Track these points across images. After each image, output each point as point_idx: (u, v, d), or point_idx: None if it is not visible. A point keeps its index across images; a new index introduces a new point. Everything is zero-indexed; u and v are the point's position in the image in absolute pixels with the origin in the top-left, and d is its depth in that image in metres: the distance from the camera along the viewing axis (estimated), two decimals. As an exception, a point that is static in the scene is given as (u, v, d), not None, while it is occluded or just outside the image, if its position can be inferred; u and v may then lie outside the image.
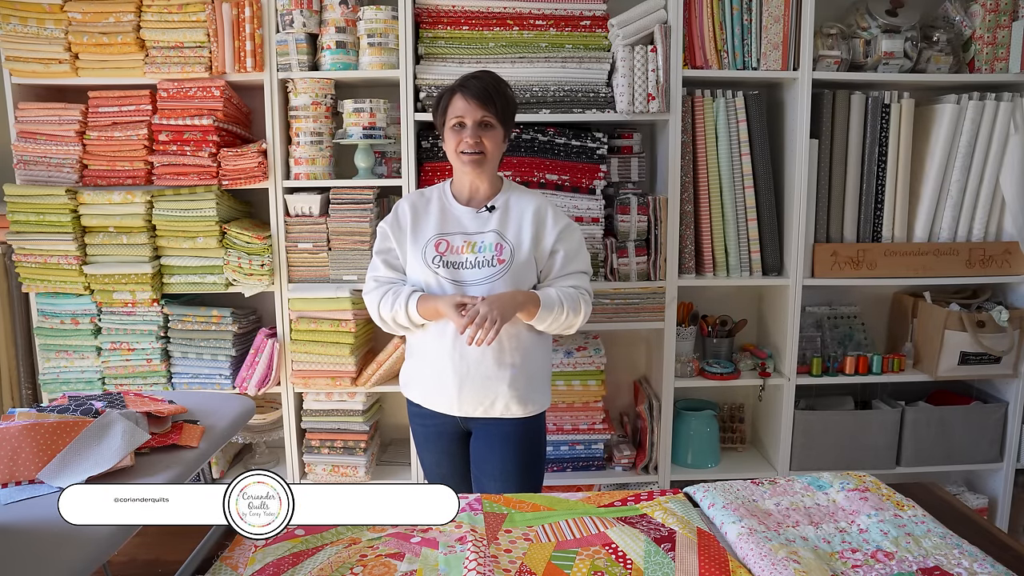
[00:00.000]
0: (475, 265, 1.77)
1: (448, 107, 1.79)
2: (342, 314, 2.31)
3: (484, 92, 1.75)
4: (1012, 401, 2.56)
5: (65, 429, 1.12)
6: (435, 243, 1.80)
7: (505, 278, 1.75)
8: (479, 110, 1.74)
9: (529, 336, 1.82)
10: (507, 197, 1.85)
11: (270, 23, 2.26)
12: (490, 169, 1.81)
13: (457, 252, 1.79)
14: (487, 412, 1.80)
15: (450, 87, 1.80)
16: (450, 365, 1.78)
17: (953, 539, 1.21)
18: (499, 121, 1.77)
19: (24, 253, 2.27)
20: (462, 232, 1.81)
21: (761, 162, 2.41)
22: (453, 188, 1.88)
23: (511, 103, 1.82)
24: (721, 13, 2.30)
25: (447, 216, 1.84)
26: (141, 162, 2.28)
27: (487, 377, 1.77)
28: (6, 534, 0.94)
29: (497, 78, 1.82)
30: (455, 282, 1.77)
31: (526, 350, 1.81)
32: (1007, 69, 2.41)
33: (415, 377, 1.89)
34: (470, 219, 1.82)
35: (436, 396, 1.83)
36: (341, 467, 2.44)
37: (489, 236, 1.79)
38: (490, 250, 1.77)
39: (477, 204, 1.84)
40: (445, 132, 1.80)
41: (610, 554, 1.19)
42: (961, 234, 2.49)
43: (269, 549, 1.20)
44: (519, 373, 1.79)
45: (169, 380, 2.38)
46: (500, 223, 1.81)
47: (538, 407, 1.86)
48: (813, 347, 2.60)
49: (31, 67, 2.25)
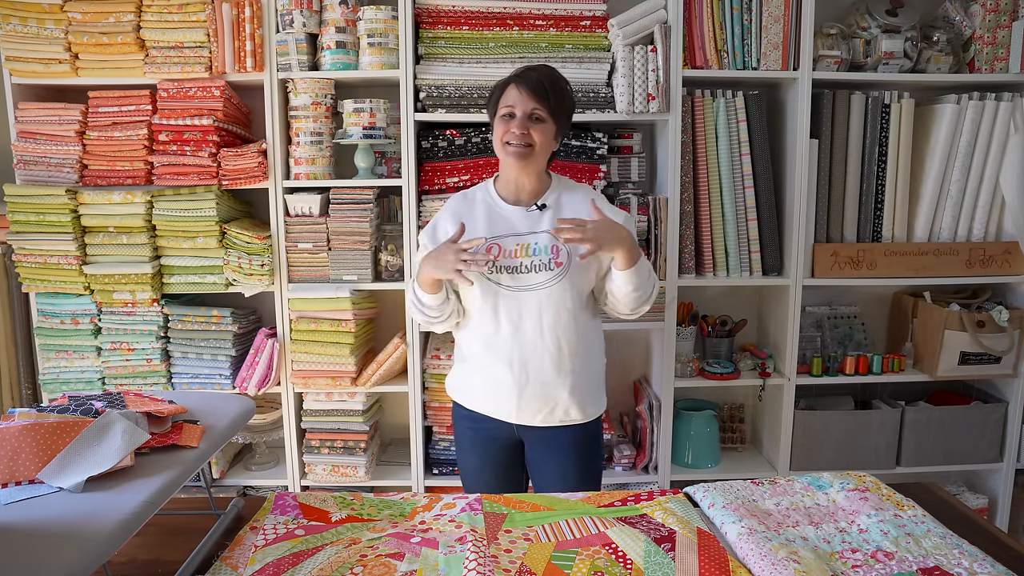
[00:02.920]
0: (531, 269, 1.68)
1: (500, 97, 1.70)
2: (342, 314, 2.31)
3: (539, 84, 1.66)
4: (1012, 401, 2.56)
5: (65, 429, 1.12)
6: (486, 248, 1.69)
7: (564, 282, 1.67)
8: (531, 101, 1.65)
9: (587, 339, 1.75)
10: (558, 194, 1.76)
11: (270, 23, 2.26)
12: (537, 165, 1.71)
13: (510, 256, 1.69)
14: (546, 420, 1.73)
15: (506, 79, 1.72)
16: (508, 373, 1.70)
17: (953, 539, 1.21)
18: (551, 116, 1.68)
19: (24, 253, 2.27)
20: (513, 234, 1.71)
21: (761, 162, 2.41)
22: (498, 186, 1.78)
23: (567, 100, 1.73)
24: (721, 13, 2.30)
25: (495, 217, 1.74)
26: (141, 162, 2.28)
27: (547, 384, 1.70)
28: (6, 534, 0.94)
29: (556, 73, 1.72)
30: (516, 288, 1.67)
31: (585, 354, 1.75)
32: (1007, 69, 2.41)
33: (467, 384, 1.81)
34: (520, 219, 1.72)
35: (493, 403, 1.75)
36: (341, 467, 2.44)
37: (543, 237, 1.70)
38: (546, 252, 1.68)
39: (526, 203, 1.74)
40: (494, 123, 1.72)
41: (610, 554, 1.19)
42: (961, 234, 2.49)
43: (269, 549, 1.20)
44: (579, 378, 1.73)
45: (169, 380, 2.38)
46: (553, 222, 1.69)
47: (597, 410, 1.80)
48: (813, 347, 2.60)
49: (31, 67, 2.25)
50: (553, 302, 1.68)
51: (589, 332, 1.76)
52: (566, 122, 1.74)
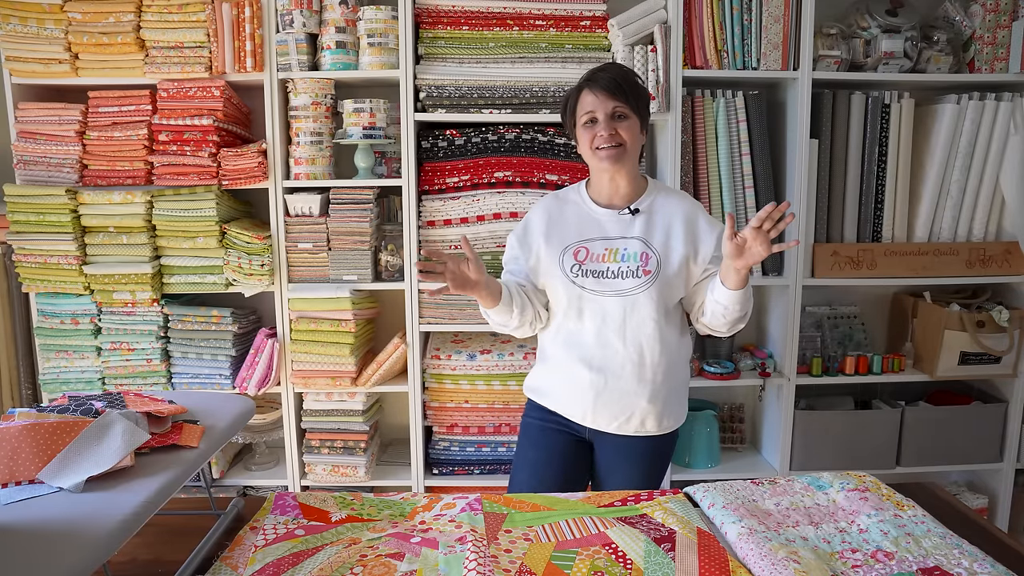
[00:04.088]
0: (617, 275, 1.63)
1: (576, 105, 1.66)
2: (342, 314, 2.31)
3: (613, 83, 1.61)
4: (1012, 401, 2.56)
5: (65, 429, 1.12)
6: (574, 251, 1.66)
7: (650, 291, 1.62)
8: (610, 101, 1.60)
9: (671, 351, 1.69)
10: (652, 199, 1.70)
11: (270, 23, 2.26)
12: (631, 165, 1.66)
13: (598, 260, 1.65)
14: (620, 428, 1.69)
15: (576, 86, 1.68)
16: (587, 376, 1.66)
17: (953, 539, 1.21)
18: (634, 111, 1.63)
19: (24, 253, 2.27)
20: (603, 237, 1.67)
21: (761, 162, 2.41)
22: (590, 190, 1.74)
23: (644, 92, 1.68)
24: (721, 13, 2.30)
25: (586, 220, 1.70)
26: (141, 162, 2.28)
27: (625, 392, 1.66)
28: (6, 534, 0.94)
29: (625, 68, 1.68)
30: (600, 292, 1.63)
31: (669, 363, 1.69)
32: (1007, 69, 2.41)
33: (546, 383, 1.77)
34: (612, 223, 1.68)
35: (569, 405, 1.72)
36: (341, 467, 2.44)
37: (633, 244, 1.65)
38: (635, 259, 1.63)
39: (619, 206, 1.69)
40: (577, 132, 1.68)
41: (610, 554, 1.19)
42: (961, 234, 2.49)
43: (269, 549, 1.20)
44: (660, 388, 1.67)
45: (169, 380, 2.38)
46: (645, 228, 1.66)
47: (674, 423, 1.75)
48: (813, 347, 2.60)
49: (31, 67, 2.25)
50: (638, 310, 1.63)
51: (674, 345, 1.70)
52: (647, 115, 1.69)
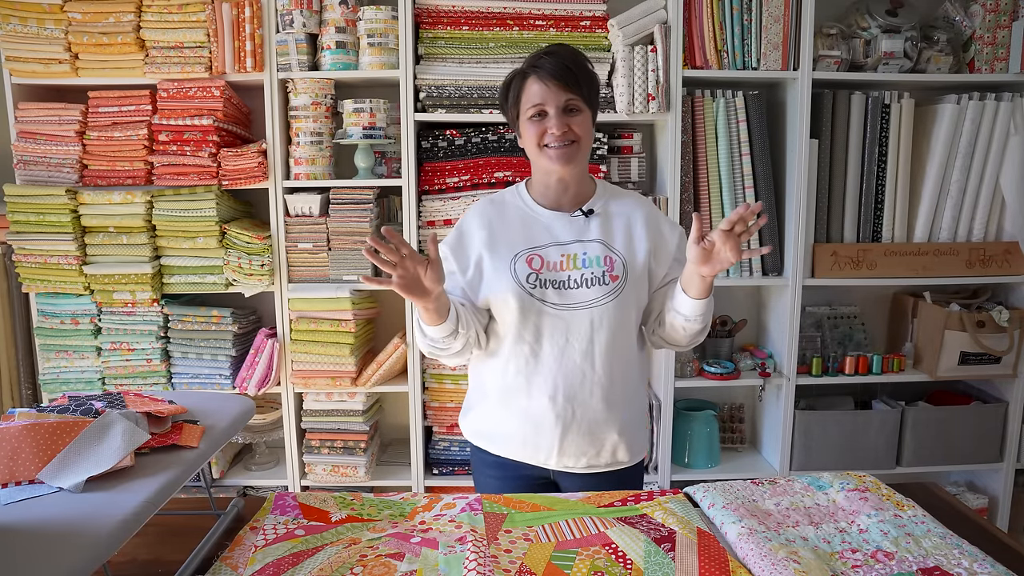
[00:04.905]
0: (581, 283, 1.45)
1: (521, 95, 1.46)
2: (342, 314, 2.31)
3: (566, 71, 1.41)
4: (1012, 401, 2.56)
5: (65, 429, 1.12)
6: (526, 258, 1.47)
7: (620, 298, 1.46)
8: (562, 92, 1.42)
9: (637, 367, 1.56)
10: (606, 200, 1.54)
11: (270, 23, 2.26)
12: (582, 164, 1.50)
13: (555, 269, 1.47)
14: (591, 464, 1.52)
15: (519, 70, 1.48)
16: (550, 409, 1.47)
17: (953, 539, 1.21)
18: (587, 103, 1.45)
19: (24, 253, 2.27)
20: (555, 243, 1.49)
21: (761, 162, 2.41)
22: (532, 192, 1.55)
23: (596, 80, 1.49)
24: (721, 13, 2.30)
25: (532, 225, 1.51)
26: (141, 162, 2.28)
27: (596, 423, 1.49)
28: (6, 534, 0.94)
29: (575, 51, 1.47)
30: (564, 306, 1.45)
31: (634, 387, 1.55)
32: (1007, 69, 2.41)
33: (494, 426, 1.57)
34: (563, 227, 1.50)
35: (529, 448, 1.52)
36: (341, 467, 2.44)
37: (593, 247, 1.48)
38: (598, 264, 1.46)
39: (568, 208, 1.53)
40: (521, 126, 1.48)
41: (610, 554, 1.19)
42: (961, 234, 2.49)
43: (269, 549, 1.19)
44: (629, 413, 1.53)
45: (169, 380, 2.38)
46: (603, 231, 1.50)
47: (644, 448, 1.62)
48: (813, 347, 2.60)
49: (31, 67, 2.25)
50: (608, 322, 1.46)
51: (638, 360, 1.57)
52: (598, 105, 1.52)
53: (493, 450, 1.57)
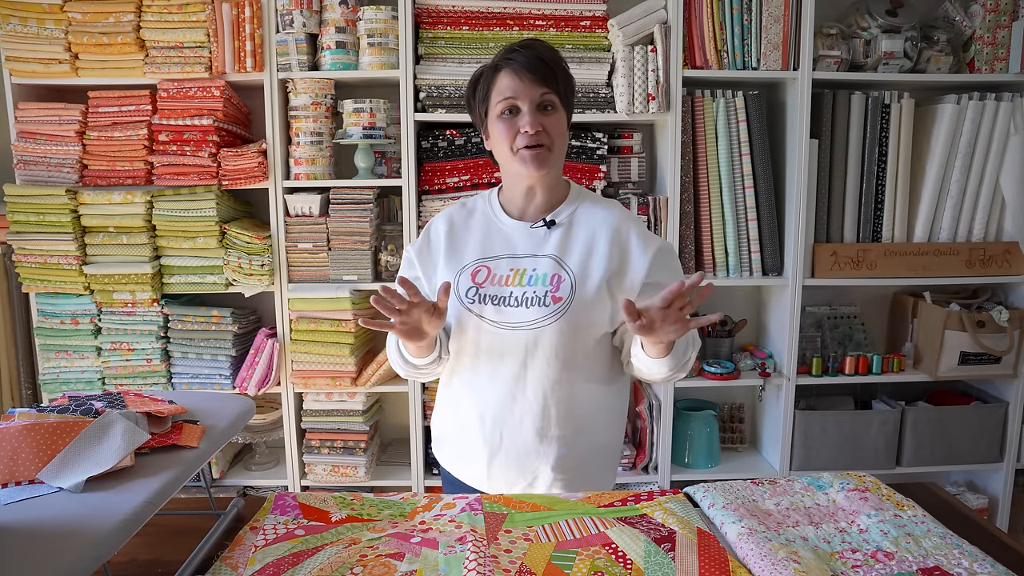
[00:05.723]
0: (521, 302, 1.32)
1: (491, 90, 1.33)
2: (342, 314, 2.31)
3: (541, 63, 1.30)
4: (1012, 401, 2.56)
5: (65, 429, 1.12)
6: (472, 270, 1.36)
7: (558, 324, 1.31)
8: (537, 87, 1.29)
9: (589, 403, 1.39)
10: (574, 210, 1.40)
11: (270, 23, 2.26)
12: (555, 168, 1.36)
13: (500, 283, 1.35)
14: (527, 492, 1.41)
15: (490, 64, 1.35)
16: (478, 429, 1.38)
17: (953, 539, 1.21)
18: (563, 102, 1.34)
19: (24, 253, 2.27)
20: (510, 255, 1.37)
21: (761, 162, 2.41)
22: (502, 197, 1.44)
23: (572, 81, 1.38)
24: (721, 13, 2.30)
25: (493, 234, 1.40)
26: (141, 162, 2.28)
27: (525, 453, 1.37)
28: (6, 534, 0.94)
29: (551, 46, 1.36)
30: (500, 324, 1.33)
31: (581, 421, 1.38)
32: (1007, 69, 2.41)
33: (445, 434, 1.50)
34: (522, 238, 1.38)
35: (464, 465, 1.46)
36: (341, 467, 2.44)
37: (544, 263, 1.34)
38: (543, 283, 1.33)
39: (532, 218, 1.39)
40: (490, 125, 1.35)
41: (610, 554, 1.19)
42: (961, 234, 2.49)
43: (269, 549, 1.19)
44: (570, 452, 1.38)
45: (169, 380, 2.38)
46: (561, 245, 1.35)
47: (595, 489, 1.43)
48: (813, 347, 2.60)
49: (31, 67, 2.25)
50: (545, 348, 1.33)
51: (593, 398, 1.40)
52: (573, 106, 1.40)
53: (444, 462, 1.52)
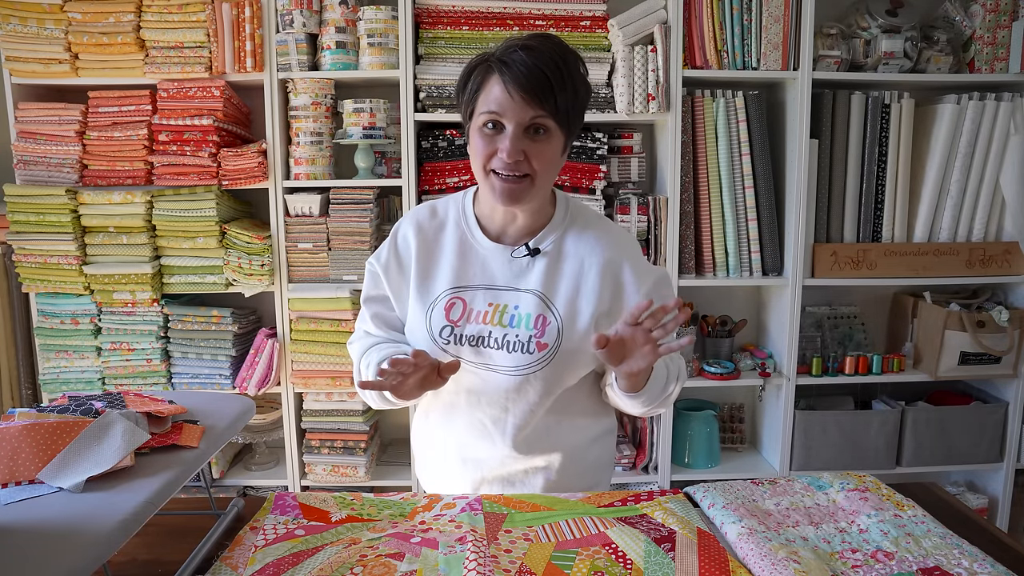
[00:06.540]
0: (502, 346, 1.17)
1: (479, 93, 1.15)
2: (342, 314, 2.31)
3: (538, 78, 1.07)
4: (1012, 401, 2.56)
5: (65, 429, 1.12)
6: (446, 304, 1.19)
7: (546, 371, 1.17)
8: (527, 108, 1.08)
9: (572, 434, 1.30)
10: (561, 235, 1.22)
11: (270, 23, 2.26)
12: (534, 200, 1.16)
13: (477, 320, 1.18)
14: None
15: (484, 59, 1.17)
16: (459, 469, 1.31)
17: (953, 539, 1.21)
18: (562, 125, 1.12)
19: (24, 253, 2.27)
20: (487, 286, 1.20)
21: (761, 162, 2.41)
22: (478, 209, 1.25)
23: (583, 91, 1.14)
24: (721, 13, 2.30)
25: (467, 254, 1.22)
26: (141, 162, 2.28)
27: (509, 483, 1.31)
28: (6, 534, 0.94)
29: (562, 49, 1.11)
30: (479, 364, 1.19)
31: (567, 450, 1.30)
32: (1007, 69, 2.41)
33: (426, 463, 1.41)
34: (500, 264, 1.20)
35: (448, 490, 1.36)
36: (341, 467, 2.44)
37: (527, 301, 1.18)
38: (527, 326, 1.17)
39: (513, 240, 1.22)
40: (471, 131, 1.16)
41: (610, 554, 1.19)
42: (961, 234, 2.49)
43: (269, 549, 1.19)
44: (556, 479, 1.31)
45: (169, 380, 2.38)
46: (546, 279, 1.19)
47: None
48: (813, 347, 2.60)
49: (31, 67, 2.25)
50: (528, 396, 1.20)
51: (578, 425, 1.29)
52: (579, 124, 1.18)
53: (424, 484, 1.45)
